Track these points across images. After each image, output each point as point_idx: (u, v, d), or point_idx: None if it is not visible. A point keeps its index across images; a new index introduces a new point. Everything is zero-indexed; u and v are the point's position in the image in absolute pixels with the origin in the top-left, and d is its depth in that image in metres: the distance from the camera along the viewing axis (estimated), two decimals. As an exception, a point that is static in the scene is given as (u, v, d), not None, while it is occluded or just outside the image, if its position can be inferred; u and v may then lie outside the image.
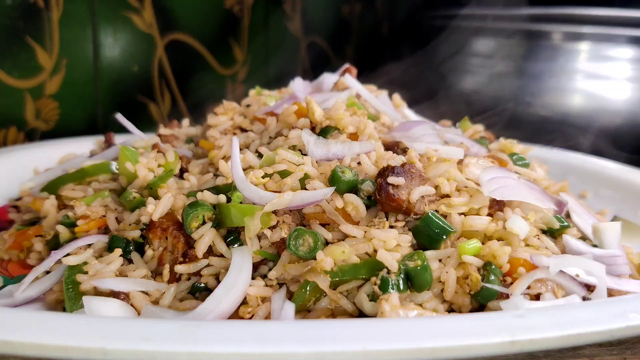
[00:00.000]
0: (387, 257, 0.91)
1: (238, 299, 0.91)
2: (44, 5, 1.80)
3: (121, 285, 0.94)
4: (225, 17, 2.50)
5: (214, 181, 1.12)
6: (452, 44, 2.59)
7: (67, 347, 0.68)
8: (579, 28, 2.26)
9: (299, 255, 0.95)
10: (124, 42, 2.11)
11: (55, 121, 1.93)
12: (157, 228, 1.02)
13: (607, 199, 1.51)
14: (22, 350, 0.69)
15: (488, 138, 1.42)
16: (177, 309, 0.94)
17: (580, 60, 2.26)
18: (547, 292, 0.91)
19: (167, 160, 1.19)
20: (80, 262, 1.00)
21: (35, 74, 1.83)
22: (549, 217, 1.08)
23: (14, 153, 1.59)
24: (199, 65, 2.45)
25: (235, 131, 1.29)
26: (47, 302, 1.00)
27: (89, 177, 1.22)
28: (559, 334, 0.74)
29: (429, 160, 1.07)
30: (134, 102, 2.23)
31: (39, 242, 1.15)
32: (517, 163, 1.23)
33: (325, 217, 1.00)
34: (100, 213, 1.12)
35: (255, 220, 0.97)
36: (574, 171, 1.62)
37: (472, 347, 0.71)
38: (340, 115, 1.17)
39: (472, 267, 0.92)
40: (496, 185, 1.03)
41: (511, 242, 0.98)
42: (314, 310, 0.93)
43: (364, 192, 1.01)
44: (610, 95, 2.20)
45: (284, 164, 1.05)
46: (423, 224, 0.98)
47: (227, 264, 0.98)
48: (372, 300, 0.89)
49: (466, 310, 0.92)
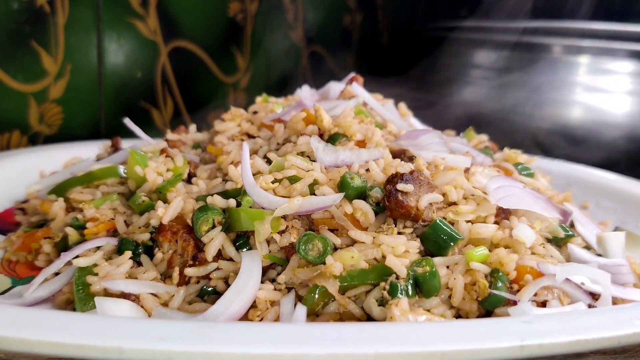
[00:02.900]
0: (396, 262, 0.92)
1: (248, 302, 0.92)
2: (50, 10, 1.81)
3: (131, 287, 0.94)
4: (228, 25, 2.51)
5: (223, 186, 1.13)
6: (452, 56, 2.61)
7: (84, 346, 0.68)
8: (579, 41, 2.28)
9: (308, 259, 0.95)
10: (128, 48, 2.12)
11: (59, 126, 1.94)
12: (168, 231, 1.03)
13: (609, 210, 1.52)
14: (38, 348, 0.69)
15: (492, 148, 1.44)
16: (187, 312, 0.95)
17: (580, 73, 2.29)
18: (553, 299, 0.93)
19: (176, 164, 1.20)
20: (90, 263, 1.01)
21: (40, 78, 1.83)
22: (554, 226, 1.10)
23: (19, 156, 1.59)
24: (202, 72, 2.46)
25: (243, 137, 1.30)
26: (57, 302, 1.00)
27: (97, 181, 1.23)
28: (567, 339, 0.75)
29: (437, 168, 1.08)
30: (137, 108, 2.23)
31: (47, 243, 1.15)
32: (522, 173, 1.24)
33: (334, 223, 1.01)
34: (109, 216, 1.12)
35: (265, 224, 0.98)
36: (576, 182, 1.64)
37: (482, 351, 0.72)
38: (349, 123, 1.18)
39: (479, 274, 0.93)
40: (503, 194, 1.05)
41: (518, 250, 0.99)
42: (323, 314, 0.94)
43: (373, 198, 1.03)
44: (610, 108, 2.22)
45: (294, 169, 1.06)
46: (431, 230, 0.99)
47: (236, 267, 0.99)
48: (380, 305, 0.90)
49: (473, 316, 0.93)
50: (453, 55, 2.57)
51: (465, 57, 2.55)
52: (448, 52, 2.58)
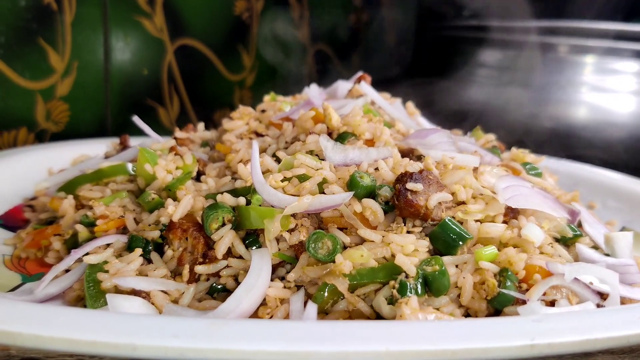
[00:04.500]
0: (406, 261, 0.93)
1: (258, 299, 0.92)
2: (57, 8, 1.81)
3: (142, 284, 0.95)
4: (234, 23, 2.52)
5: (232, 184, 1.14)
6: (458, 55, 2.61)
7: (97, 343, 0.69)
8: (585, 41, 2.28)
9: (318, 258, 0.96)
10: (134, 46, 2.13)
11: (65, 123, 1.94)
12: (178, 229, 1.03)
13: (615, 210, 1.52)
14: (51, 345, 0.70)
15: (499, 147, 1.44)
16: (197, 309, 0.95)
17: (585, 73, 2.29)
18: (562, 298, 0.93)
19: (185, 162, 1.21)
20: (101, 261, 1.01)
21: (47, 75, 1.84)
22: (562, 226, 1.10)
23: (27, 153, 1.60)
24: (208, 70, 2.47)
25: (251, 136, 1.31)
26: (67, 299, 1.01)
27: (107, 178, 1.23)
28: (577, 339, 0.75)
29: (445, 167, 1.09)
30: (143, 105, 2.24)
31: (57, 241, 1.15)
32: (530, 172, 1.25)
33: (343, 221, 1.01)
34: (119, 213, 1.13)
35: (275, 222, 0.98)
36: (582, 182, 1.64)
37: (492, 349, 0.72)
38: (357, 122, 1.19)
39: (488, 273, 0.94)
40: (511, 194, 1.05)
41: (526, 250, 1.00)
42: (332, 312, 0.94)
43: (382, 197, 1.03)
44: (615, 108, 2.22)
45: (303, 168, 1.07)
46: (440, 229, 0.99)
47: (246, 265, 1.00)
48: (390, 303, 0.91)
49: (482, 315, 0.94)
50: (458, 54, 2.57)
51: (470, 56, 2.54)
52: (453, 51, 2.58)
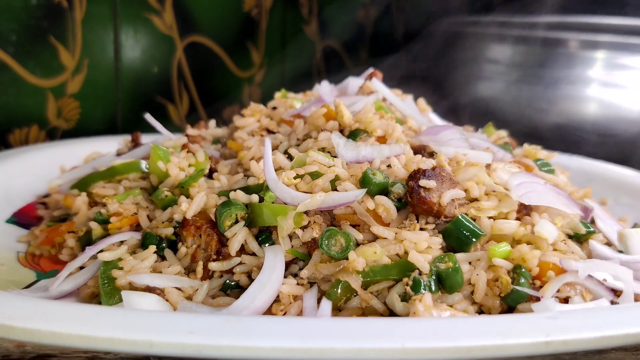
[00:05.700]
0: (419, 258, 0.93)
1: (271, 296, 0.93)
2: (68, 5, 1.82)
3: (156, 281, 0.95)
4: (243, 20, 2.52)
5: (244, 181, 1.14)
6: (468, 50, 2.60)
7: (114, 340, 0.69)
8: (595, 36, 2.27)
9: (331, 255, 0.96)
10: (144, 43, 2.13)
11: (76, 120, 1.95)
12: (191, 226, 1.04)
13: (627, 207, 1.51)
14: (69, 341, 0.70)
15: (511, 144, 1.44)
16: (211, 306, 0.96)
17: (596, 68, 2.27)
18: (576, 295, 0.93)
19: (198, 160, 1.21)
20: (115, 257, 1.02)
21: (58, 73, 1.85)
22: (575, 223, 1.10)
23: (39, 151, 1.61)
24: (217, 67, 2.47)
25: (263, 133, 1.31)
26: (82, 296, 1.02)
27: (119, 176, 1.24)
28: (592, 335, 0.75)
29: (458, 164, 1.09)
30: (153, 102, 2.25)
31: (71, 238, 1.16)
32: (542, 169, 1.24)
33: (356, 219, 1.02)
34: (132, 210, 1.13)
35: (288, 220, 0.98)
36: (594, 178, 1.63)
37: (507, 346, 0.72)
38: (370, 119, 1.19)
39: (502, 270, 0.94)
40: (524, 190, 1.05)
41: (540, 246, 0.99)
42: (345, 309, 0.95)
43: (395, 194, 1.03)
44: (626, 103, 2.20)
45: (315, 165, 1.07)
46: (453, 226, 0.99)
47: (259, 262, 1.00)
48: (403, 300, 0.91)
49: (496, 312, 0.94)
50: (468, 50, 2.56)
51: (480, 51, 2.53)
52: (463, 47, 2.57)
